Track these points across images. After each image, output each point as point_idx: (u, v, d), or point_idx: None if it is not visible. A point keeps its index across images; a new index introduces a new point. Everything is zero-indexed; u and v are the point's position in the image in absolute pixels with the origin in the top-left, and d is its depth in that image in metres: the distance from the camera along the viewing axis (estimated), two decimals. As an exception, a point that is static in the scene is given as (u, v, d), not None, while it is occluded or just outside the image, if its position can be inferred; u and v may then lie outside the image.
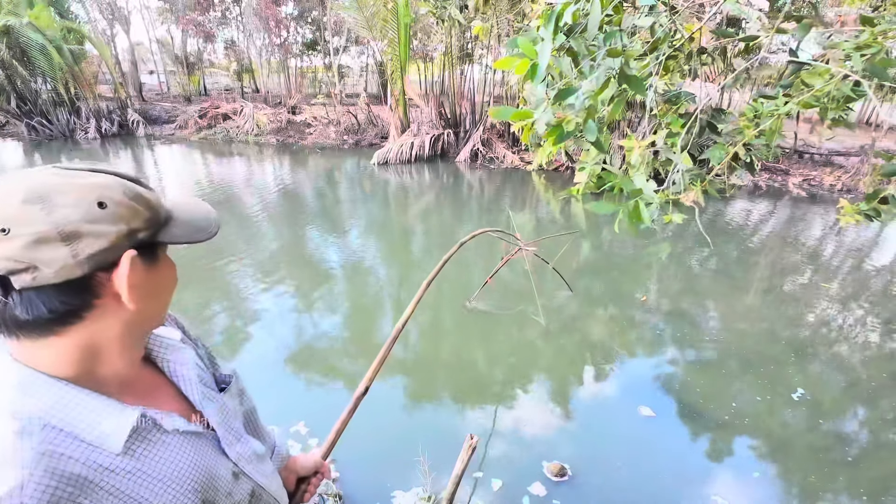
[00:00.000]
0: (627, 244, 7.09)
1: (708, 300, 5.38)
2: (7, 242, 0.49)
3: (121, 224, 0.55)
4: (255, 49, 20.01)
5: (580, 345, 4.34)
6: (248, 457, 0.78)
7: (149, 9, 20.53)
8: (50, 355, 0.56)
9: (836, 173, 10.98)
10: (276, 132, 15.86)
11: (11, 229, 0.49)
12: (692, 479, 2.97)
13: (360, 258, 6.28)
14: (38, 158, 12.71)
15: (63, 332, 0.55)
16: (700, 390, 3.73)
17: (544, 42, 1.09)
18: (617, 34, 1.17)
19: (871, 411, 3.60)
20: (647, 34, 1.56)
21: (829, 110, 1.49)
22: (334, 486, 2.79)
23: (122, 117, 16.59)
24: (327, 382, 3.79)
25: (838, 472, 3.03)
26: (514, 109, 1.34)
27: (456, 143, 13.33)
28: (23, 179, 0.52)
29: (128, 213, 0.56)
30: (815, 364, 4.14)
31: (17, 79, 14.63)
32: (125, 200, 0.56)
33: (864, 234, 7.70)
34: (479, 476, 2.87)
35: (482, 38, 11.69)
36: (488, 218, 8.50)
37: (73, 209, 0.52)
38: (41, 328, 0.54)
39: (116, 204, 0.55)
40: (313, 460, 1.05)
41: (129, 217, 0.56)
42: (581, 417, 3.44)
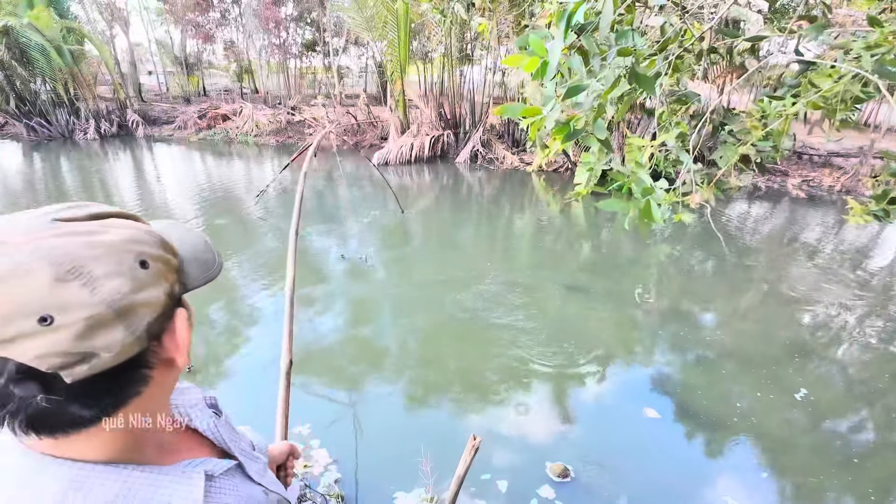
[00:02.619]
0: (627, 245, 7.09)
1: (709, 301, 5.38)
2: (52, 335, 0.39)
3: (164, 283, 0.48)
4: (254, 50, 19.99)
5: (588, 346, 4.33)
6: (261, 472, 0.77)
7: (148, 9, 20.50)
8: (100, 441, 0.48)
9: (835, 174, 11.00)
10: (276, 133, 15.85)
11: (55, 318, 0.39)
12: (700, 481, 2.97)
13: (360, 259, 6.27)
14: (37, 159, 12.67)
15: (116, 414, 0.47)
16: (704, 391, 3.73)
17: (555, 40, 1.09)
18: (629, 33, 1.17)
19: (875, 411, 3.60)
20: (655, 34, 1.55)
21: (838, 111, 1.48)
22: (336, 487, 2.78)
23: (121, 118, 16.56)
24: (327, 383, 3.77)
25: (845, 472, 3.03)
26: (522, 106, 1.33)
27: (456, 144, 13.33)
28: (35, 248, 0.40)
29: (164, 267, 0.49)
30: (817, 364, 4.14)
31: (16, 79, 14.59)
32: (160, 253, 0.49)
33: (864, 234, 7.72)
34: (486, 478, 2.85)
35: (485, 37, 11.68)
36: (488, 218, 8.50)
37: (119, 279, 0.43)
38: (91, 421, 0.46)
39: (154, 259, 0.47)
40: (282, 446, 1.05)
41: (166, 272, 0.49)
42: (585, 419, 3.43)
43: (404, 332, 4.55)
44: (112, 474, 0.48)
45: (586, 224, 8.25)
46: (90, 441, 0.47)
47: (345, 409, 3.52)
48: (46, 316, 0.39)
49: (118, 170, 11.93)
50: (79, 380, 0.41)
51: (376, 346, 4.28)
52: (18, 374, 0.40)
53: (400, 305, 5.10)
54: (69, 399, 0.43)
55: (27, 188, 9.65)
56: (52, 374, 0.40)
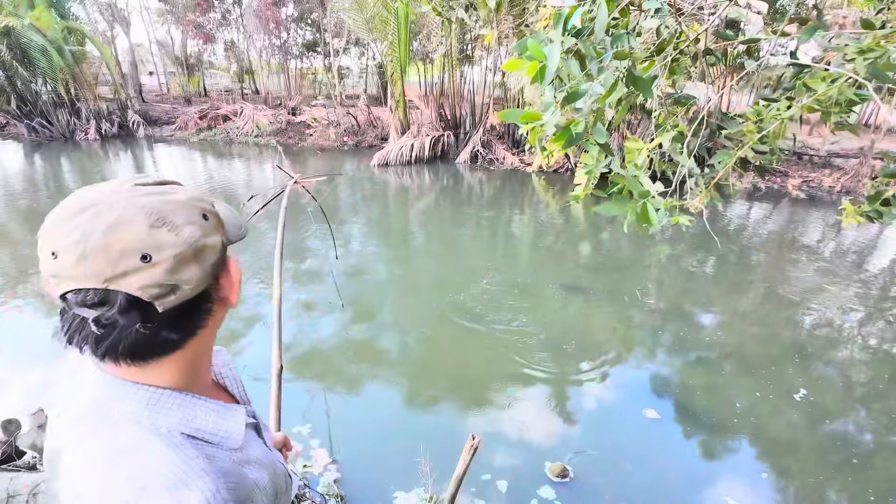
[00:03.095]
0: (626, 245, 7.10)
1: (709, 302, 5.39)
2: (151, 270, 0.50)
3: (219, 232, 0.58)
4: (255, 50, 20.03)
5: (588, 346, 4.34)
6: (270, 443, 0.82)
7: (149, 10, 20.55)
8: (169, 370, 0.58)
9: (835, 175, 11.01)
10: (276, 133, 15.87)
11: (152, 256, 0.50)
12: (700, 481, 2.98)
13: (361, 259, 6.29)
14: (38, 160, 12.70)
15: (186, 344, 0.58)
16: (703, 391, 3.74)
17: (553, 44, 1.10)
18: (624, 37, 1.18)
19: (875, 413, 3.61)
20: (651, 37, 1.57)
21: (833, 114, 1.50)
22: (336, 487, 2.79)
23: (122, 118, 16.59)
24: (327, 384, 3.79)
25: (845, 473, 3.04)
26: (522, 111, 1.35)
27: (456, 144, 13.35)
28: (132, 203, 0.51)
29: (216, 220, 0.59)
30: (817, 365, 4.15)
31: (17, 80, 14.62)
32: (212, 209, 0.59)
33: (864, 235, 7.73)
34: (486, 478, 2.86)
35: (489, 43, 11.71)
36: (488, 218, 8.51)
37: (192, 227, 0.53)
38: (173, 349, 0.56)
39: (211, 214, 0.58)
40: (277, 436, 1.10)
41: (218, 224, 0.59)
42: (585, 419, 3.44)
43: (404, 332, 4.57)
44: (179, 398, 0.58)
45: (586, 225, 8.27)
46: (163, 369, 0.57)
47: (344, 409, 3.53)
48: (146, 254, 0.49)
49: (119, 170, 11.96)
50: (167, 309, 0.52)
51: (375, 347, 4.30)
52: (126, 304, 0.50)
53: (399, 305, 5.12)
54: (160, 326, 0.53)
55: (28, 188, 9.67)
56: (148, 304, 0.51)
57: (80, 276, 0.49)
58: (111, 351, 0.53)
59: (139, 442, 0.54)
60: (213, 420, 0.60)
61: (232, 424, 0.62)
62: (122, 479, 0.52)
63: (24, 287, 5.19)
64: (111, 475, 0.52)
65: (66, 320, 0.54)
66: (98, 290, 0.49)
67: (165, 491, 0.51)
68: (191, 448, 0.56)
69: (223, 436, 0.61)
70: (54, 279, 0.50)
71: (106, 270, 0.48)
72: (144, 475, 0.52)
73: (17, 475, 2.16)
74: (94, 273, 0.48)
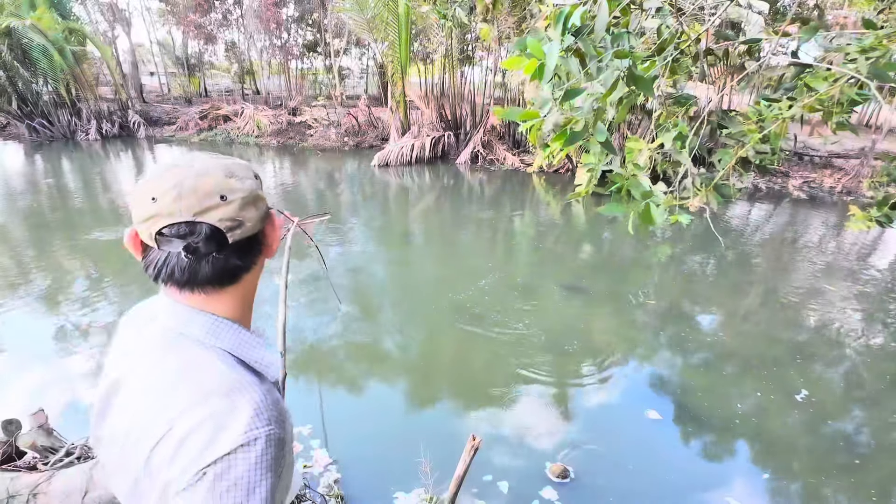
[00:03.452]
0: (627, 246, 7.10)
1: (710, 302, 5.38)
2: (226, 206, 0.66)
3: (262, 190, 0.74)
4: (255, 51, 20.04)
5: (589, 347, 4.33)
6: None
7: (150, 10, 20.57)
8: (226, 302, 0.72)
9: (835, 175, 11.00)
10: (277, 134, 15.88)
11: (227, 196, 0.66)
12: (702, 481, 2.97)
13: (362, 260, 6.29)
14: (38, 160, 12.71)
15: (243, 278, 0.73)
16: (705, 392, 3.73)
17: (552, 43, 1.10)
18: (625, 36, 1.18)
19: (876, 413, 3.60)
20: (652, 36, 1.56)
21: (834, 114, 1.49)
22: (336, 487, 2.79)
23: (122, 119, 16.60)
24: (327, 384, 3.78)
25: (846, 473, 3.03)
26: (521, 110, 1.34)
27: (456, 144, 13.35)
28: (209, 162, 0.69)
29: (260, 182, 0.75)
30: (818, 366, 4.14)
31: (18, 80, 14.64)
32: (258, 175, 0.75)
33: (864, 236, 7.71)
34: (488, 479, 2.86)
35: (486, 41, 11.71)
36: (489, 218, 8.51)
37: (251, 181, 0.71)
38: (238, 275, 0.71)
39: (257, 176, 0.74)
40: None
41: (261, 184, 0.75)
42: (587, 420, 3.44)
43: (404, 333, 4.57)
44: (233, 327, 0.72)
45: (587, 225, 8.27)
46: (224, 300, 0.72)
47: (345, 409, 3.53)
48: (223, 195, 0.66)
49: (120, 170, 11.97)
50: (235, 240, 0.68)
51: (376, 348, 4.29)
52: (208, 232, 0.66)
53: (400, 305, 5.11)
54: (230, 253, 0.69)
55: (29, 189, 9.68)
56: (222, 235, 0.66)
57: (176, 212, 0.64)
58: (193, 277, 0.68)
59: (203, 359, 0.68)
60: (258, 350, 0.73)
61: (272, 358, 0.74)
62: (191, 386, 0.66)
63: (25, 287, 5.19)
64: (181, 385, 0.66)
65: (153, 261, 0.68)
66: (188, 223, 0.65)
67: (224, 396, 0.64)
68: (242, 368, 0.69)
69: (265, 365, 0.73)
70: (152, 219, 0.65)
71: (195, 206, 0.65)
72: (208, 384, 0.66)
73: (17, 475, 2.16)
74: (188, 207, 0.64)
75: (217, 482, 0.61)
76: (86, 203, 8.95)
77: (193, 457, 0.62)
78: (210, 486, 0.61)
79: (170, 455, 0.63)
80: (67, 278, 5.47)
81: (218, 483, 0.61)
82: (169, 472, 0.63)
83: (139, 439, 0.67)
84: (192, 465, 0.62)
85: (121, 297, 5.03)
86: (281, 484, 0.68)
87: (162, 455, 0.64)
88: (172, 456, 0.63)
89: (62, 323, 4.48)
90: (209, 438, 0.62)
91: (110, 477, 0.76)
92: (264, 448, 0.64)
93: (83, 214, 8.08)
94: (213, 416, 0.63)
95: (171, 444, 0.64)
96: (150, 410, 0.67)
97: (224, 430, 0.63)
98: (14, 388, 3.58)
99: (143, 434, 0.67)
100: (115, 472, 0.73)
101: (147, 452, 0.66)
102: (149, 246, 0.68)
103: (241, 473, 0.62)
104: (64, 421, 3.11)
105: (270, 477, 0.64)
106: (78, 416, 3.25)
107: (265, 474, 0.64)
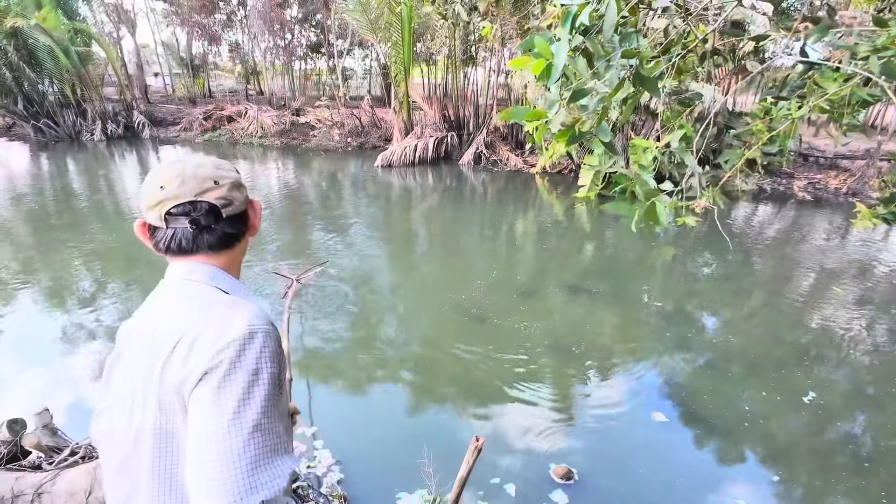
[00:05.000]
0: (631, 246, 7.07)
1: (716, 303, 5.35)
2: (219, 189, 0.84)
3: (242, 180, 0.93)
4: (259, 51, 20.09)
5: (595, 348, 4.32)
6: None
7: (154, 11, 20.66)
8: (223, 261, 0.89)
9: (841, 176, 10.93)
10: (281, 135, 15.92)
11: (219, 181, 0.84)
12: (711, 484, 2.94)
13: (364, 260, 6.28)
14: (44, 160, 12.78)
15: (236, 245, 0.91)
16: (712, 394, 3.70)
17: (560, 42, 1.09)
18: (633, 35, 1.17)
19: (886, 415, 3.57)
20: (658, 36, 1.55)
21: (845, 114, 1.47)
22: (339, 488, 2.78)
23: (127, 119, 16.68)
24: (331, 386, 3.78)
25: (856, 475, 3.01)
26: (528, 110, 1.34)
27: (459, 145, 13.35)
28: (201, 158, 0.87)
29: (240, 175, 0.92)
30: (826, 367, 4.11)
31: (24, 80, 14.73)
32: (237, 169, 0.93)
33: (870, 237, 7.66)
34: (495, 482, 2.84)
35: (489, 40, 11.71)
36: (493, 219, 8.50)
37: (234, 172, 0.89)
38: (230, 242, 0.89)
39: (237, 171, 0.91)
40: None
41: (240, 176, 0.92)
42: (594, 423, 3.41)
43: (408, 333, 4.56)
44: (227, 275, 0.89)
45: (590, 226, 8.24)
46: (220, 260, 0.89)
47: (348, 410, 3.53)
48: (217, 179, 0.84)
49: (125, 171, 12.02)
50: (228, 215, 0.86)
51: (379, 348, 4.29)
52: (207, 207, 0.83)
53: (403, 306, 5.10)
54: (225, 224, 0.86)
55: (34, 190, 9.73)
56: (218, 211, 0.84)
57: (181, 194, 0.81)
58: (197, 244, 0.85)
59: (206, 291, 0.84)
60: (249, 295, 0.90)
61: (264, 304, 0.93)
62: (199, 302, 0.82)
63: (29, 288, 5.21)
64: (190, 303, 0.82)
65: (163, 237, 0.84)
66: (191, 202, 0.82)
67: (227, 307, 0.81)
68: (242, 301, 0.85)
69: None
70: (162, 203, 0.81)
71: (196, 188, 0.82)
72: (213, 300, 0.82)
73: (22, 475, 2.16)
74: (190, 190, 0.81)
75: (229, 367, 0.72)
76: (92, 203, 8.99)
77: (205, 350, 0.73)
78: (224, 372, 0.72)
79: (184, 355, 0.75)
80: (73, 278, 5.49)
81: (230, 368, 0.72)
82: (183, 369, 0.74)
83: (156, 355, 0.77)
84: (204, 356, 0.73)
85: (126, 296, 5.04)
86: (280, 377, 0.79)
87: (177, 358, 0.75)
88: (186, 355, 0.74)
89: (67, 322, 4.50)
90: (217, 333, 0.75)
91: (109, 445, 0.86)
92: (265, 340, 0.76)
93: (89, 215, 8.11)
94: (219, 320, 0.77)
95: (184, 347, 0.75)
96: (162, 330, 0.79)
97: (229, 327, 0.76)
98: (19, 388, 3.60)
99: (159, 349, 0.77)
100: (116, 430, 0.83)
101: (161, 366, 0.76)
102: (156, 229, 0.85)
103: (248, 360, 0.73)
104: (69, 420, 3.12)
105: (273, 365, 0.76)
106: (83, 416, 3.25)
107: (268, 362, 0.75)
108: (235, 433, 0.69)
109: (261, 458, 0.70)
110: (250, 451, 0.69)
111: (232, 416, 0.70)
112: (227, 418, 0.70)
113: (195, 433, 0.71)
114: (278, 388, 0.77)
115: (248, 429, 0.70)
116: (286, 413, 0.84)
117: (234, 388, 0.71)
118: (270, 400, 0.74)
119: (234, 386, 0.71)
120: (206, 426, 0.70)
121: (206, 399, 0.71)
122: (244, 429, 0.70)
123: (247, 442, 0.69)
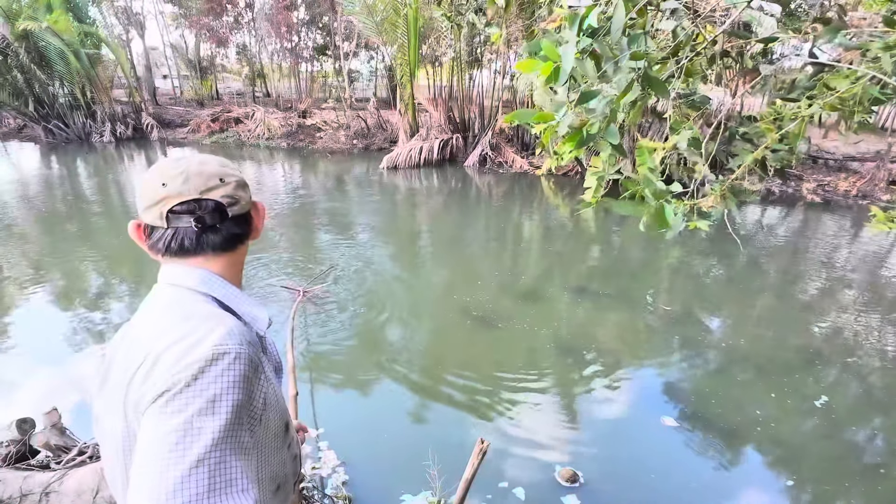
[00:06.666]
0: (638, 249, 7.03)
1: (725, 306, 5.31)
2: (225, 187, 0.80)
3: None
4: (266, 54, 20.23)
5: (603, 352, 4.29)
6: None
7: (163, 14, 20.86)
8: (223, 264, 0.84)
9: (851, 179, 10.81)
10: (287, 136, 16.00)
11: (225, 179, 0.80)
12: (721, 490, 2.91)
13: (370, 262, 6.29)
14: (54, 161, 12.93)
15: (239, 247, 0.86)
16: (721, 399, 3.67)
17: (568, 44, 1.09)
18: (641, 37, 1.16)
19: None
20: (667, 38, 1.54)
21: (855, 113, 1.46)
22: (344, 489, 2.79)
23: (136, 121, 16.84)
24: (336, 387, 3.78)
25: (870, 480, 2.96)
26: (533, 112, 1.33)
27: (465, 147, 13.35)
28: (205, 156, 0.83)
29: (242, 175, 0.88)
30: (837, 371, 4.06)
31: (35, 82, 14.92)
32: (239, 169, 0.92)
33: (881, 239, 7.56)
34: (503, 486, 2.83)
35: (496, 44, 11.71)
36: (498, 222, 8.49)
37: (238, 172, 0.85)
38: (234, 243, 0.84)
39: (239, 171, 0.88)
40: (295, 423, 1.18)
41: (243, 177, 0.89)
42: (602, 427, 3.39)
43: (413, 336, 4.56)
44: (223, 282, 0.83)
45: (596, 228, 8.20)
46: (220, 263, 0.83)
47: (354, 412, 3.53)
48: (222, 177, 0.80)
49: (134, 172, 12.13)
50: (234, 214, 0.82)
51: (384, 350, 4.29)
52: (213, 206, 0.79)
53: (409, 308, 5.10)
54: (230, 224, 0.82)
55: (45, 191, 9.84)
56: (223, 210, 0.80)
57: (185, 192, 0.76)
58: (201, 243, 0.80)
59: (191, 298, 0.78)
60: (247, 304, 0.84)
61: (260, 312, 0.85)
62: (175, 313, 0.75)
63: (40, 288, 5.27)
64: (165, 314, 0.76)
65: (162, 237, 0.79)
66: (196, 200, 0.77)
67: (204, 320, 0.73)
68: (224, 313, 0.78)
69: (252, 316, 0.83)
70: (163, 201, 0.76)
71: (201, 186, 0.78)
72: (190, 311, 0.75)
73: (30, 474, 2.18)
74: (195, 187, 0.77)
75: (182, 390, 0.64)
76: (101, 204, 9.08)
77: (165, 369, 0.66)
78: (173, 395, 0.64)
79: (145, 373, 0.68)
80: (83, 278, 5.54)
81: (182, 391, 0.64)
82: (142, 387, 0.67)
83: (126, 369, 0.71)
84: (163, 376, 0.66)
85: (135, 297, 5.08)
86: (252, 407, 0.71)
87: (139, 376, 0.68)
88: (147, 373, 0.68)
89: (76, 322, 4.54)
90: (181, 352, 0.67)
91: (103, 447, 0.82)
92: (231, 363, 0.68)
93: (98, 216, 8.19)
94: (189, 334, 0.70)
95: (147, 364, 0.69)
96: (136, 342, 0.74)
97: (194, 347, 0.68)
98: (28, 387, 3.63)
99: (128, 364, 0.71)
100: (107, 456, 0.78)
101: (128, 381, 0.70)
102: (153, 230, 0.80)
103: (205, 384, 0.65)
104: (77, 420, 3.14)
105: (236, 393, 0.67)
106: (91, 416, 3.28)
107: (231, 388, 0.67)
108: (174, 466, 0.60)
109: (200, 500, 0.59)
110: (189, 488, 0.59)
111: (174, 445, 0.61)
112: (166, 448, 0.60)
113: (136, 458, 0.63)
114: (245, 420, 0.68)
115: (189, 462, 0.60)
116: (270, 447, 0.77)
117: (181, 415, 0.62)
118: (228, 432, 0.64)
119: (183, 412, 0.62)
120: (145, 453, 0.62)
121: (151, 423, 0.63)
122: (185, 462, 0.60)
123: (185, 477, 0.59)
